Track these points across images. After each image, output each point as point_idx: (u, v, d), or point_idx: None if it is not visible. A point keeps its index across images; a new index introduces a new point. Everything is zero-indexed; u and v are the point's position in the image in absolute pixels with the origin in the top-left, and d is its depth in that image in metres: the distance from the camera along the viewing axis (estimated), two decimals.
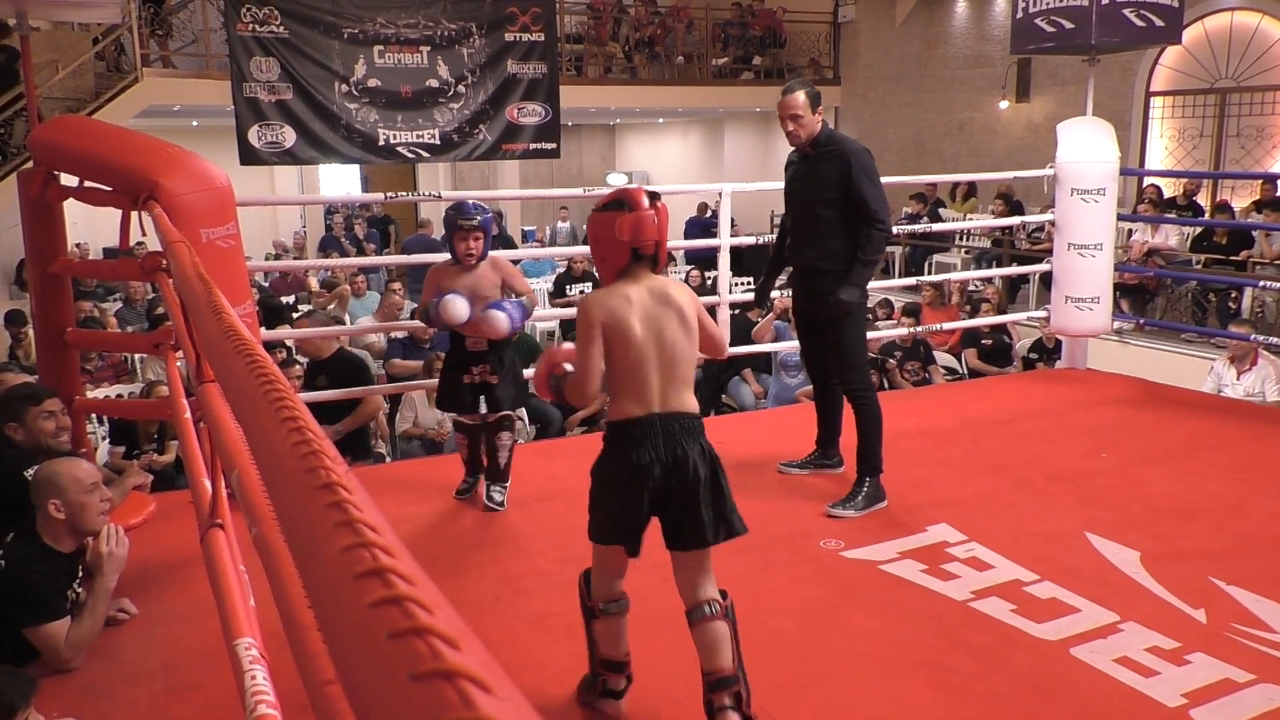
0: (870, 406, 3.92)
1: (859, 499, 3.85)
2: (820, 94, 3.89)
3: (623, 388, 2.46)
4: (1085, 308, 5.65)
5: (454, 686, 0.30)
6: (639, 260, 2.49)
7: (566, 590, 3.21)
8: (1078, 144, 5.66)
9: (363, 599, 0.35)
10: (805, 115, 3.79)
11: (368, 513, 0.42)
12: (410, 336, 7.23)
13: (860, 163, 3.77)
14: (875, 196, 3.76)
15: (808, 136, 3.84)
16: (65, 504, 2.76)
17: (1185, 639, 2.84)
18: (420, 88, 10.33)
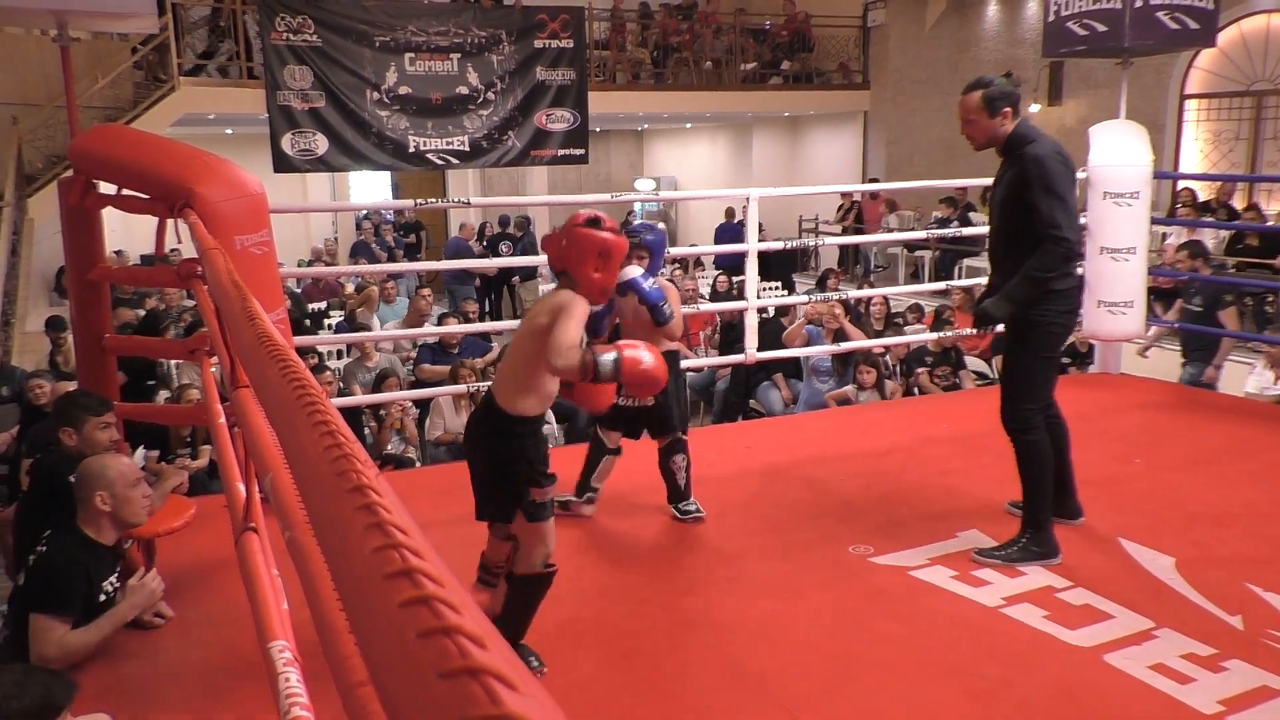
0: (1027, 450, 3.49)
1: (1009, 551, 3.45)
2: (1011, 93, 3.46)
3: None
4: (1118, 311, 5.58)
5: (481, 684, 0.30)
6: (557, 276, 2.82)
7: (593, 596, 3.22)
8: (1110, 147, 5.60)
9: (393, 599, 0.36)
10: (979, 119, 3.44)
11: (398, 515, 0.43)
12: (440, 342, 7.27)
13: (1037, 168, 3.33)
14: (1050, 205, 3.30)
15: (986, 141, 3.49)
16: (112, 496, 2.85)
17: (1221, 646, 2.80)
18: (450, 95, 10.42)
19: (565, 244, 2.72)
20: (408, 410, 6.44)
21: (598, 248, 2.69)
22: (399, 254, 13.45)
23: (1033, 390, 3.51)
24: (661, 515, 3.95)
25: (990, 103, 3.41)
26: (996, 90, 3.43)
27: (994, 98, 3.42)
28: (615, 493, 4.22)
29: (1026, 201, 3.35)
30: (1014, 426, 3.51)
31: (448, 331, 7.03)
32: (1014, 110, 3.43)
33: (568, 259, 2.72)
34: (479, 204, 6.79)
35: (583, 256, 2.69)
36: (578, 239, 2.70)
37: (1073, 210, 3.35)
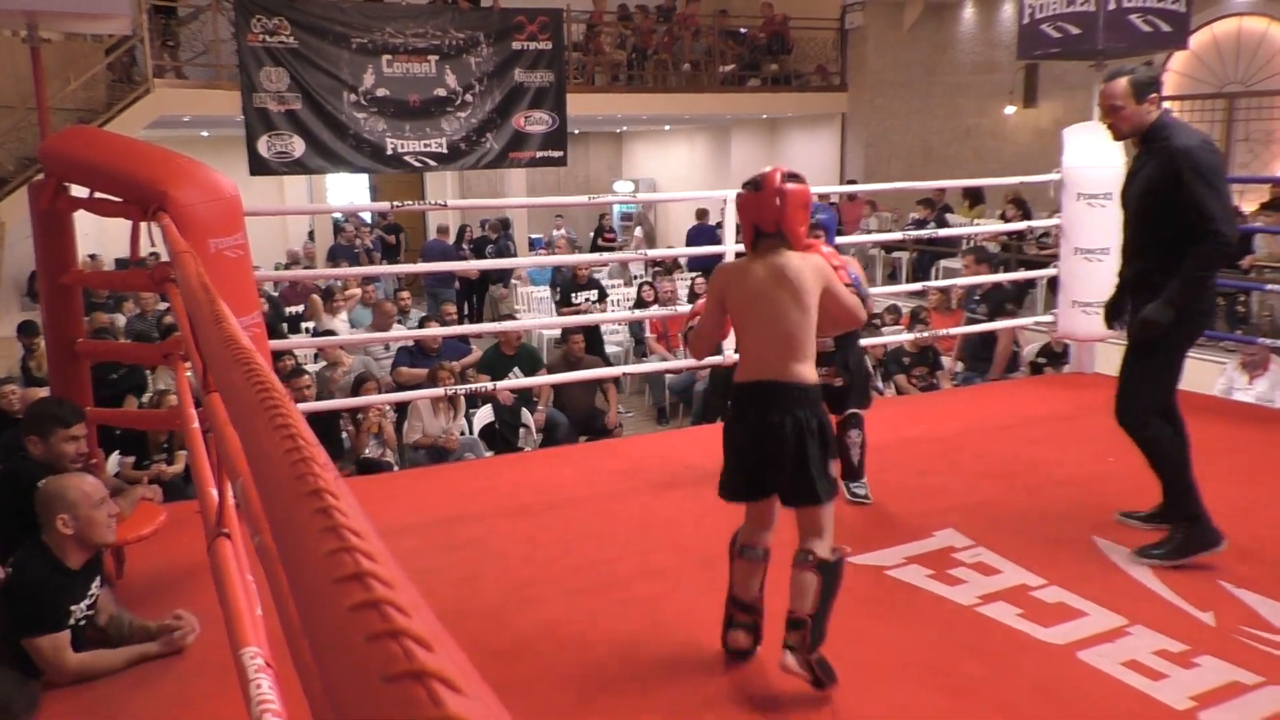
0: (1152, 446, 3.42)
1: (1169, 548, 3.39)
2: (1157, 79, 3.32)
3: (740, 353, 2.77)
4: (1092, 312, 5.63)
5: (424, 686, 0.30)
6: (764, 237, 2.71)
7: (574, 598, 3.22)
8: (1083, 149, 5.65)
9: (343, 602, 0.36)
10: (1126, 105, 3.30)
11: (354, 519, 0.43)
12: (417, 344, 7.25)
13: (1188, 160, 3.19)
14: (1209, 201, 3.16)
15: (1131, 129, 3.34)
16: (74, 519, 2.76)
17: (1193, 642, 2.83)
18: (428, 97, 10.38)
19: (779, 203, 2.69)
20: (386, 413, 6.41)
21: (804, 201, 2.74)
22: (377, 257, 13.40)
23: (1155, 388, 3.41)
24: (640, 516, 3.95)
25: (1138, 89, 3.29)
26: (1143, 75, 3.32)
27: (1141, 83, 3.30)
28: (589, 494, 4.23)
29: (1171, 195, 3.22)
30: (1129, 424, 3.43)
31: (426, 334, 7.01)
32: (1160, 97, 3.32)
33: (783, 217, 2.70)
34: (456, 206, 6.77)
35: (797, 211, 2.71)
36: (792, 196, 2.70)
37: (1228, 203, 3.21)
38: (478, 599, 3.24)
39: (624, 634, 2.99)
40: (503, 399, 6.74)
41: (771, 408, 2.62)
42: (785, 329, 2.64)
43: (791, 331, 2.63)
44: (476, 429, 6.81)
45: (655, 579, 3.37)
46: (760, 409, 2.64)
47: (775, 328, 2.64)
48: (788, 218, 2.69)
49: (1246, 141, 11.07)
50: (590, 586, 3.31)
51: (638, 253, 11.95)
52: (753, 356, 2.69)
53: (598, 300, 10.33)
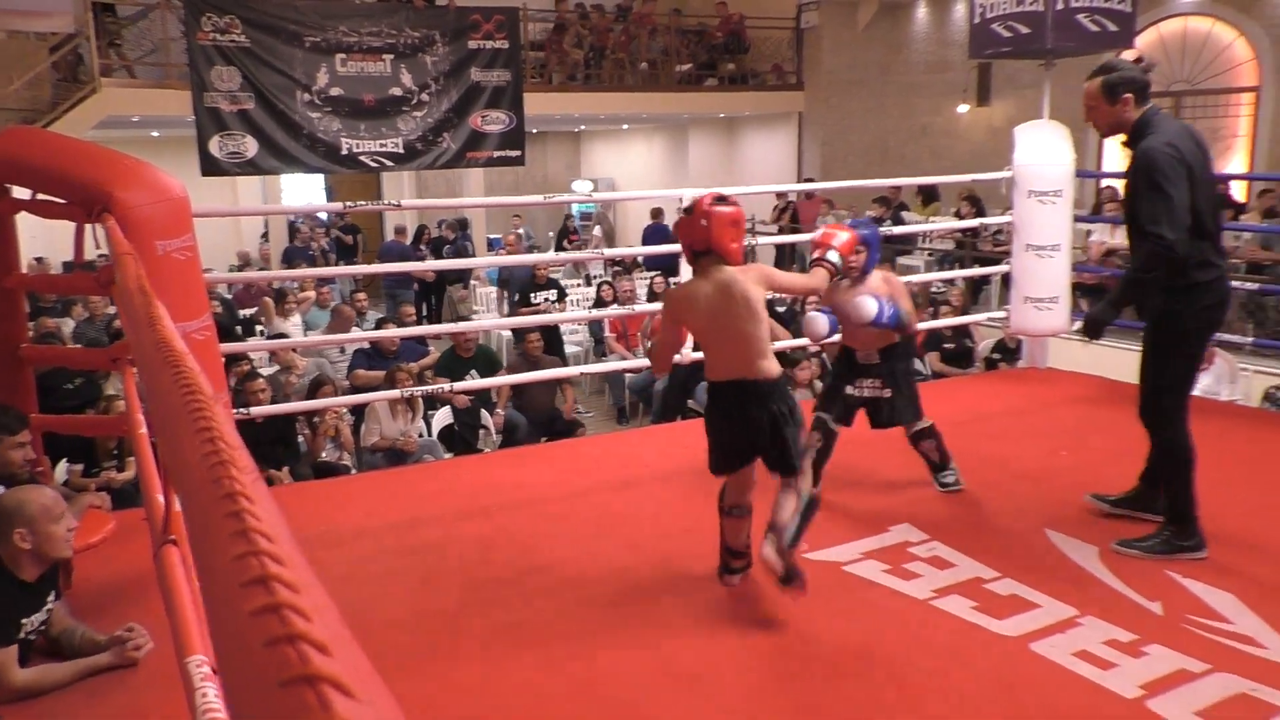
0: (1166, 446, 3.45)
1: (1152, 543, 3.44)
2: (1133, 79, 3.32)
3: (707, 356, 3.12)
4: (1044, 307, 5.72)
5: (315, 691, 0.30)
6: (701, 255, 3.07)
7: (532, 599, 3.21)
8: (1034, 147, 5.74)
9: (246, 606, 0.36)
10: (1098, 105, 3.36)
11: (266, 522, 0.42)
12: (374, 346, 7.19)
13: (1144, 161, 3.23)
14: (1151, 201, 3.19)
15: (1109, 128, 3.40)
16: (32, 533, 2.70)
17: (1142, 631, 2.88)
18: (383, 96, 10.29)
19: (705, 224, 3.02)
20: (343, 416, 6.35)
21: (731, 220, 3.04)
22: (333, 258, 13.27)
23: (1170, 384, 3.42)
24: (599, 515, 3.95)
25: (1109, 89, 3.33)
26: (1117, 76, 3.34)
27: (1113, 84, 3.33)
28: (548, 494, 4.22)
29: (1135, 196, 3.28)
30: (1153, 422, 3.45)
31: (383, 335, 6.96)
32: (1137, 97, 3.32)
33: (711, 236, 3.03)
34: (410, 206, 6.73)
35: (723, 231, 3.02)
36: (717, 218, 3.02)
37: (1177, 205, 3.17)
38: (435, 601, 3.22)
39: (582, 634, 2.98)
40: (459, 403, 6.70)
41: (749, 403, 3.00)
42: (743, 336, 2.99)
43: (749, 337, 2.98)
44: (435, 431, 6.77)
45: (614, 579, 3.37)
46: (740, 404, 3.02)
47: (734, 336, 3.00)
48: (716, 237, 3.02)
49: None
50: (548, 587, 3.30)
51: (594, 252, 11.94)
52: (722, 359, 3.05)
53: (557, 300, 10.31)
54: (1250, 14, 10.57)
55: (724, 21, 15.33)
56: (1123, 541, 3.47)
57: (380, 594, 3.29)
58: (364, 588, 3.34)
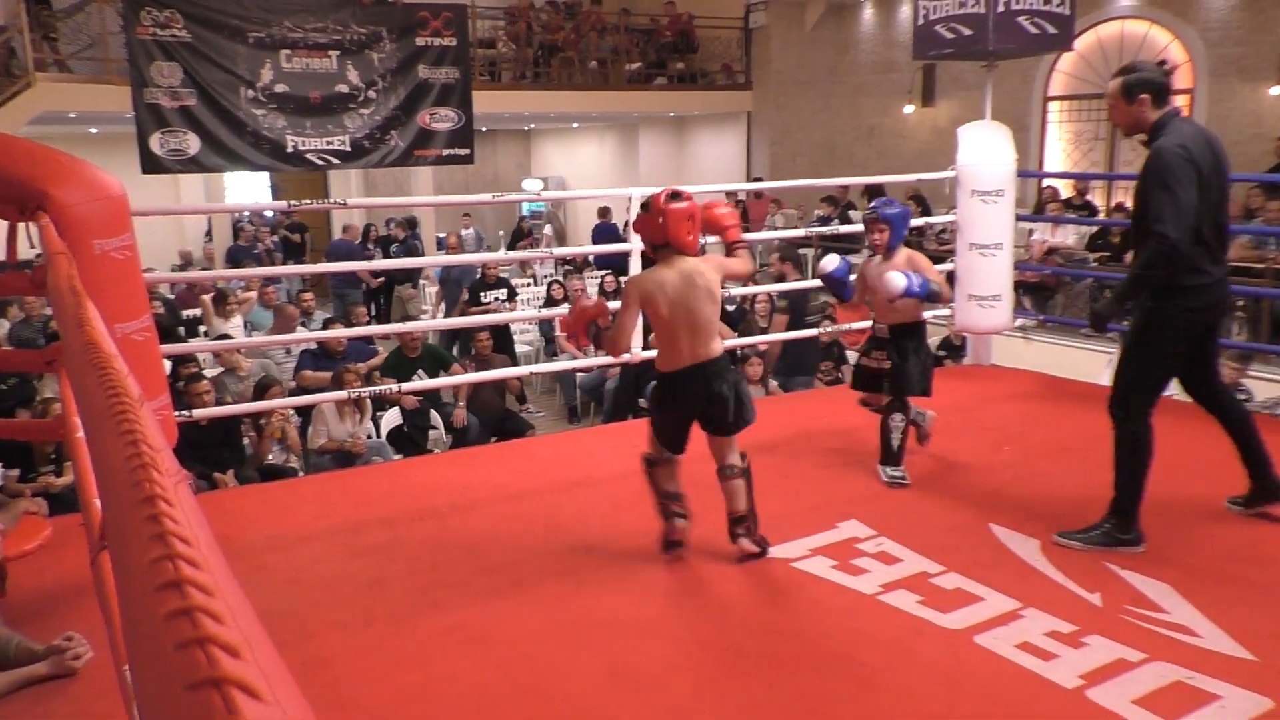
0: (1126, 439, 3.49)
1: (1091, 534, 3.51)
2: (1151, 80, 3.40)
3: (665, 345, 3.35)
4: (987, 305, 5.82)
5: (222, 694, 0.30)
6: (659, 248, 3.30)
7: (481, 600, 3.20)
8: (976, 147, 5.83)
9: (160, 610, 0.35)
10: (1116, 104, 3.47)
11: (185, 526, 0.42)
12: (321, 347, 7.10)
13: (1154, 162, 3.30)
14: (1158, 200, 3.25)
15: (1128, 127, 3.48)
16: None
17: (1082, 622, 2.95)
18: (330, 93, 10.15)
19: (662, 220, 3.24)
20: (289, 418, 6.27)
21: (686, 215, 3.25)
22: (279, 257, 13.07)
23: (1143, 382, 3.47)
24: (549, 515, 3.94)
25: (1127, 89, 3.41)
26: (1135, 77, 3.42)
27: (1131, 84, 3.41)
28: (498, 495, 4.20)
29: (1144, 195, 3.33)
30: (1117, 414, 3.50)
31: (330, 336, 6.87)
32: (1154, 98, 3.39)
33: (668, 232, 3.25)
34: (356, 205, 6.64)
35: (679, 226, 3.24)
36: (672, 215, 3.24)
37: (1183, 204, 3.22)
38: (383, 604, 3.19)
39: (530, 635, 2.98)
40: (407, 404, 6.64)
41: (713, 380, 3.29)
42: (705, 320, 3.26)
43: (709, 321, 3.27)
44: (384, 432, 6.71)
45: (564, 578, 3.37)
46: (705, 383, 3.29)
47: (697, 321, 3.25)
48: (673, 232, 3.24)
49: (1130, 140, 11.55)
50: (498, 589, 3.29)
51: (543, 251, 11.90)
52: (685, 345, 3.28)
53: (507, 299, 10.27)
54: (1185, 17, 10.84)
55: (673, 21, 15.37)
56: (1063, 533, 3.56)
57: (328, 597, 3.25)
58: (311, 591, 3.30)
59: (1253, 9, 10.30)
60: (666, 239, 3.26)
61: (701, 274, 3.27)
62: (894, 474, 4.21)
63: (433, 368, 6.98)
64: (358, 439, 6.20)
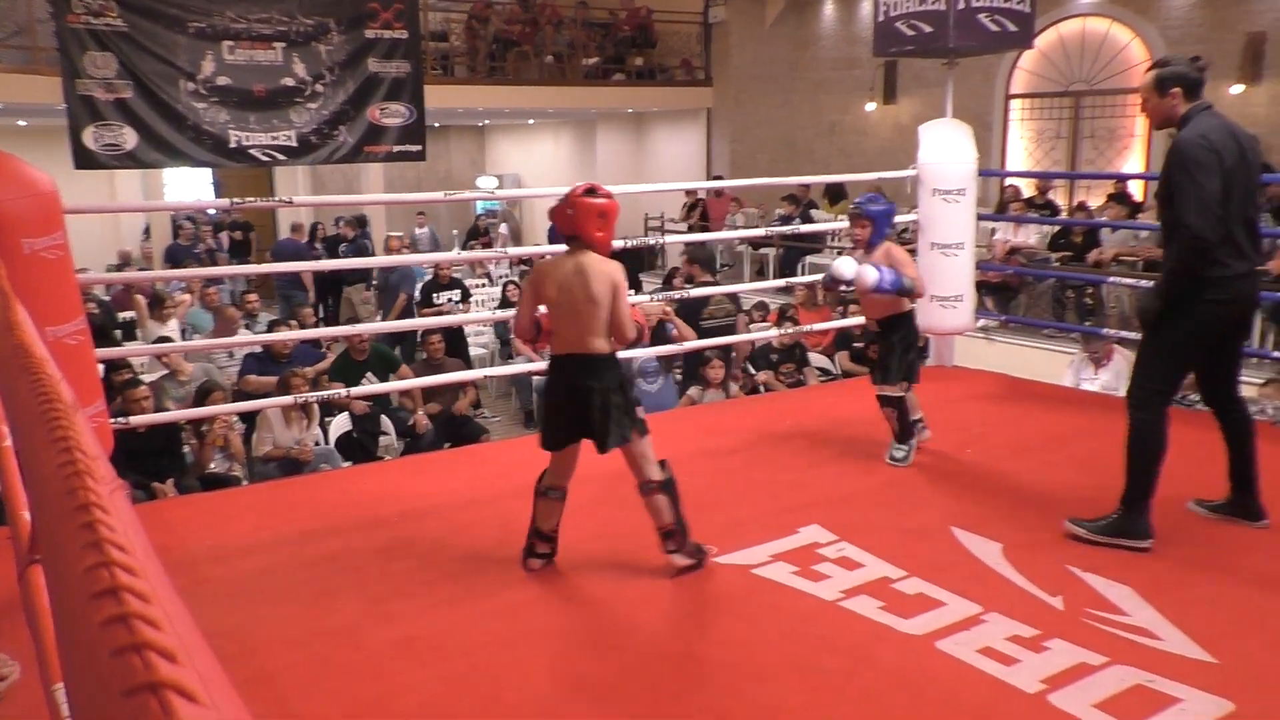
0: (1136, 427, 3.51)
1: (1099, 523, 3.58)
2: (1185, 74, 3.45)
3: (554, 333, 3.40)
4: (949, 306, 5.90)
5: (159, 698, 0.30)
6: (570, 240, 3.36)
7: (435, 611, 3.18)
8: (938, 145, 5.91)
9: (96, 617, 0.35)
10: (1150, 98, 3.50)
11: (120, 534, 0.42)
12: (266, 350, 7.02)
13: (1175, 155, 3.34)
14: (1183, 194, 3.30)
15: (1160, 121, 3.53)
16: None
17: (1044, 626, 3.00)
18: (275, 86, 10.03)
19: (571, 212, 3.32)
20: (232, 425, 6.19)
21: (597, 211, 3.31)
22: (222, 257, 12.90)
23: (1165, 372, 3.51)
24: (504, 522, 3.93)
25: (1160, 82, 3.46)
26: (1168, 71, 3.47)
27: (1164, 78, 3.45)
28: (452, 502, 4.18)
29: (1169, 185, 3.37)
30: (1131, 401, 3.53)
31: (276, 339, 6.80)
32: (1186, 91, 3.44)
33: (576, 224, 3.32)
34: (303, 203, 6.59)
35: (588, 220, 3.30)
36: (580, 207, 3.31)
37: (1208, 194, 3.26)
38: (332, 617, 3.16)
39: (486, 646, 2.97)
40: (356, 409, 6.59)
41: (579, 375, 3.30)
42: (582, 314, 3.29)
43: (587, 316, 3.28)
44: (333, 439, 6.65)
45: (519, 587, 3.36)
46: (571, 376, 3.32)
47: (576, 313, 3.30)
48: (580, 225, 3.32)
49: (1092, 139, 11.78)
50: (452, 599, 3.28)
51: (498, 250, 11.86)
52: (561, 334, 3.35)
53: (461, 301, 10.23)
54: (1146, 15, 11.07)
55: (631, 15, 15.40)
56: (1074, 519, 3.63)
57: (274, 611, 3.22)
58: (256, 605, 3.26)
59: (1213, 6, 10.55)
60: (574, 231, 3.34)
61: (595, 277, 3.28)
62: (895, 454, 4.53)
63: (381, 371, 6.94)
64: (305, 446, 6.14)
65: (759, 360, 7.64)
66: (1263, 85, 10.17)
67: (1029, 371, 6.87)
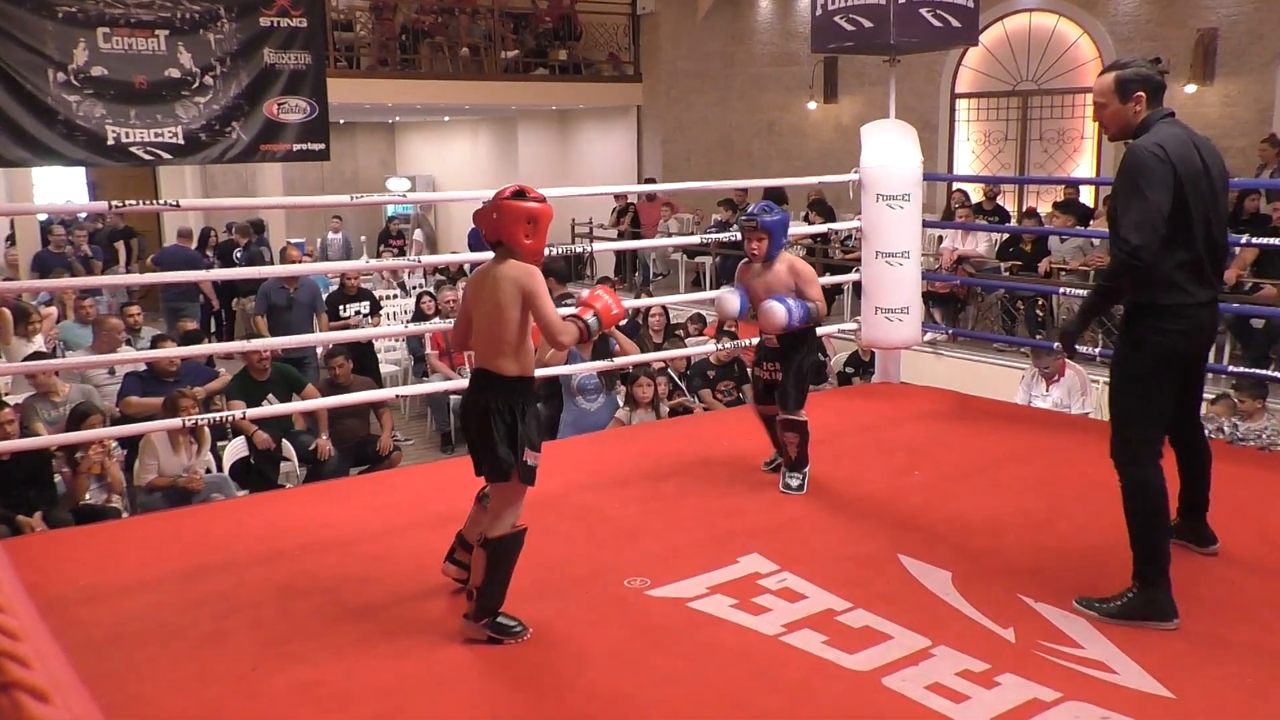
0: (1131, 486, 3.36)
1: (1111, 605, 3.34)
2: (1149, 77, 3.35)
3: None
4: (895, 318, 6.01)
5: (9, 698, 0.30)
6: (495, 246, 3.33)
7: (340, 653, 3.14)
8: (881, 147, 6.03)
9: None
10: (1109, 103, 3.38)
11: None
12: (150, 369, 6.86)
13: (1127, 160, 3.26)
14: (1126, 204, 3.23)
15: (1119, 131, 3.41)
16: None
17: (995, 660, 3.06)
18: (158, 78, 9.84)
19: (496, 216, 3.28)
20: (111, 451, 6.05)
21: (525, 215, 3.26)
22: (98, 266, 12.57)
23: (1140, 417, 3.36)
24: (419, 556, 3.89)
25: (1122, 86, 3.34)
26: (1131, 72, 3.35)
27: (1127, 80, 3.34)
28: (360, 533, 4.13)
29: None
30: (1118, 460, 3.38)
31: (161, 355, 6.65)
32: (1149, 96, 3.34)
33: (501, 229, 3.27)
34: (191, 206, 6.48)
35: (515, 225, 3.26)
36: (506, 210, 3.26)
37: (1152, 209, 3.16)
38: (225, 661, 3.10)
39: (398, 691, 2.94)
40: (259, 442, 6.47)
41: (475, 390, 3.32)
42: (488, 326, 3.29)
43: (492, 329, 3.27)
44: (226, 465, 6.53)
45: (434, 627, 3.33)
46: (473, 391, 3.34)
47: (481, 327, 3.32)
48: (506, 229, 3.27)
49: (1041, 141, 12.11)
50: (360, 639, 3.23)
51: (411, 259, 11.76)
52: (476, 347, 3.38)
53: (370, 314, 10.12)
54: (1093, 11, 11.44)
55: (553, 5, 15.45)
56: (1082, 599, 3.40)
57: (159, 654, 3.14)
58: (139, 648, 3.19)
59: (1161, 2, 10.94)
60: (499, 236, 3.28)
61: (499, 282, 3.24)
62: (789, 482, 4.55)
63: (284, 392, 6.83)
64: (194, 473, 6.02)
65: (696, 377, 7.69)
66: (1215, 84, 10.56)
67: (978, 388, 7.03)
